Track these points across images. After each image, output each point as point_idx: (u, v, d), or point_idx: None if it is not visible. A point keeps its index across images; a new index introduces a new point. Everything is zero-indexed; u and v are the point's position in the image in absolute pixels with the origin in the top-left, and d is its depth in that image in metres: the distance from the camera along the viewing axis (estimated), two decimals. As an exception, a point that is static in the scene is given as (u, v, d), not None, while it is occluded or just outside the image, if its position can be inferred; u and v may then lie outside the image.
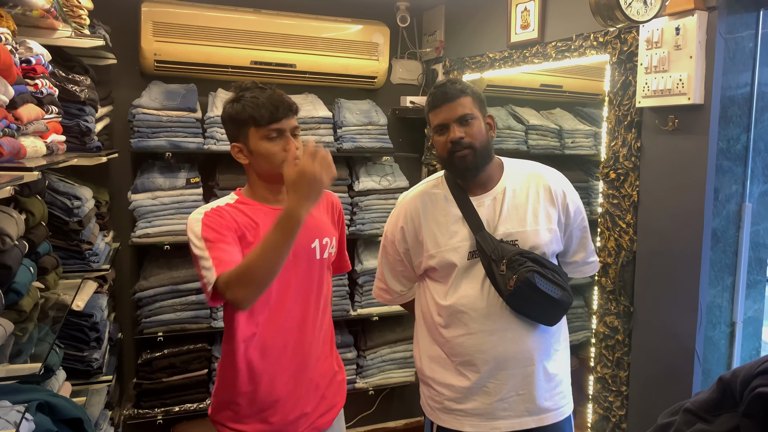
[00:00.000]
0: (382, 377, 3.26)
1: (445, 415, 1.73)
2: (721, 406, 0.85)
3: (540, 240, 1.65)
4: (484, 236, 1.64)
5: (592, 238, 1.80)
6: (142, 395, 2.82)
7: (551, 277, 1.60)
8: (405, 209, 1.77)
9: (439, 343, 1.73)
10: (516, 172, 1.73)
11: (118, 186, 2.92)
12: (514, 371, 1.65)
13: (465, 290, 1.67)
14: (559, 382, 1.72)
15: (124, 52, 2.81)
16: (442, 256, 1.68)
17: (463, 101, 1.64)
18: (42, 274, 1.78)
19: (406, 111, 3.29)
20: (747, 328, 1.95)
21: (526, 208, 1.68)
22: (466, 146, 1.62)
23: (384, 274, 1.87)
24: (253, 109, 1.58)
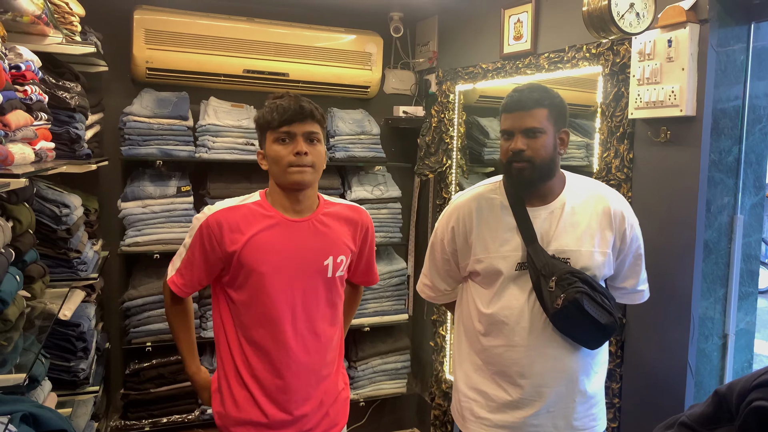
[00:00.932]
0: (373, 388, 3.23)
1: (473, 424, 1.71)
2: (717, 419, 0.84)
3: (593, 262, 1.62)
4: (536, 249, 1.60)
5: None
6: (130, 406, 2.78)
7: (600, 300, 1.56)
8: (458, 210, 1.74)
9: (476, 350, 1.71)
10: (578, 188, 1.69)
11: (108, 194, 2.89)
12: (550, 389, 1.63)
13: (509, 301, 1.64)
14: (594, 404, 1.69)
15: (115, 59, 2.80)
16: (490, 263, 1.65)
17: (537, 113, 1.58)
18: (28, 283, 1.75)
19: (399, 121, 3.29)
20: (739, 340, 1.95)
21: (583, 227, 1.63)
22: (525, 159, 1.58)
23: (430, 271, 1.85)
24: (269, 113, 1.59)
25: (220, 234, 1.60)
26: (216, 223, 1.60)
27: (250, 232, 1.60)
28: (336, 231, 1.69)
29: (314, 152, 1.60)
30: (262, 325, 1.62)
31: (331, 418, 1.72)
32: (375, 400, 3.35)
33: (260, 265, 1.59)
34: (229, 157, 2.84)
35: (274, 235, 1.62)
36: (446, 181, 3.06)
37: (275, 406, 1.62)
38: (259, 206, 1.64)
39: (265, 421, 1.63)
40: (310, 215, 1.67)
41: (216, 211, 1.62)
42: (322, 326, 1.67)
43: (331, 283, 1.68)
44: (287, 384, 1.63)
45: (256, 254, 1.59)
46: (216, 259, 1.62)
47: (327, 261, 1.66)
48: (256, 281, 1.60)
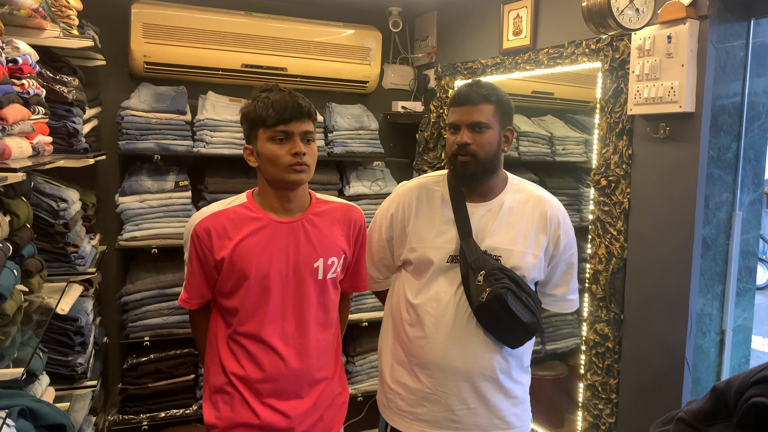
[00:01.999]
0: (370, 383, 3.23)
1: (396, 416, 1.72)
2: (715, 415, 0.84)
3: (523, 262, 1.64)
4: (470, 243, 1.63)
5: (582, 244, 1.79)
6: (128, 401, 2.78)
7: (524, 299, 1.58)
8: (400, 198, 1.76)
9: (401, 340, 1.72)
10: (518, 190, 1.71)
11: (106, 188, 2.89)
12: (467, 384, 1.64)
13: (437, 292, 1.66)
14: (518, 404, 1.70)
15: (113, 53, 2.79)
16: (423, 252, 1.67)
17: (483, 108, 1.61)
18: (26, 277, 1.74)
19: (398, 116, 3.28)
20: (736, 336, 1.96)
21: (518, 228, 1.66)
22: (469, 153, 1.60)
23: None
24: (263, 110, 1.54)
25: (210, 241, 1.59)
26: (204, 230, 1.59)
27: (238, 237, 1.58)
28: (327, 232, 1.67)
29: (310, 152, 1.58)
30: (253, 329, 1.61)
31: (325, 422, 1.70)
32: (373, 395, 3.36)
33: (249, 270, 1.58)
34: (227, 152, 2.83)
35: (263, 238, 1.60)
36: (445, 177, 3.06)
37: (268, 409, 1.61)
38: (245, 208, 1.62)
39: (257, 423, 1.61)
40: (300, 215, 1.64)
41: (203, 218, 1.60)
42: (314, 329, 1.65)
43: (322, 286, 1.65)
44: (279, 387, 1.61)
45: (245, 259, 1.58)
46: (210, 268, 1.61)
47: (317, 263, 1.63)
48: (246, 286, 1.59)
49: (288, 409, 1.61)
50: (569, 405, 2.50)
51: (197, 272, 1.63)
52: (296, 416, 1.62)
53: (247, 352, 1.61)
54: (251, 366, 1.61)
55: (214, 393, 1.66)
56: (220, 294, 1.64)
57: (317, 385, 1.67)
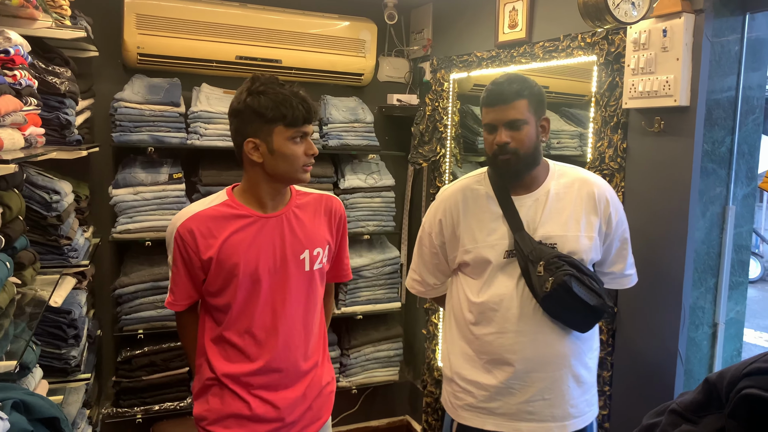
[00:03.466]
0: (365, 376, 3.24)
1: (468, 413, 1.72)
2: (707, 407, 0.85)
3: (579, 246, 1.64)
4: (523, 236, 1.63)
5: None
6: (122, 394, 2.78)
7: (588, 283, 1.59)
8: (445, 203, 1.76)
9: (467, 339, 1.72)
10: (562, 175, 1.72)
11: (99, 181, 2.87)
12: (543, 374, 1.64)
13: (498, 288, 1.66)
14: (588, 389, 1.71)
15: (106, 44, 2.77)
16: (478, 252, 1.67)
17: (518, 104, 1.60)
18: (19, 270, 1.74)
19: (393, 109, 3.28)
20: (729, 329, 1.97)
21: (569, 212, 1.66)
22: (510, 152, 1.61)
23: (418, 266, 1.86)
24: (286, 108, 1.52)
25: (194, 242, 1.58)
26: (188, 231, 1.58)
27: (223, 235, 1.58)
28: (310, 223, 1.67)
29: (315, 151, 1.62)
30: (243, 324, 1.61)
31: (314, 411, 1.72)
32: (367, 388, 3.37)
33: (238, 267, 1.58)
34: (221, 144, 2.82)
35: (249, 234, 1.60)
36: (440, 170, 3.05)
37: (258, 400, 1.62)
38: (227, 206, 1.62)
39: (248, 414, 1.62)
40: (282, 209, 1.65)
41: (185, 219, 1.60)
42: (302, 321, 1.67)
43: (309, 277, 1.67)
44: (269, 380, 1.63)
45: (233, 256, 1.58)
46: (196, 268, 1.61)
47: (303, 255, 1.64)
48: (235, 283, 1.59)
49: (277, 400, 1.63)
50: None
51: (182, 274, 1.63)
52: (285, 407, 1.64)
53: (236, 347, 1.62)
54: (240, 360, 1.62)
55: (203, 389, 1.67)
56: (208, 294, 1.64)
57: (306, 376, 1.68)
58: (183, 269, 1.62)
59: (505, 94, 1.61)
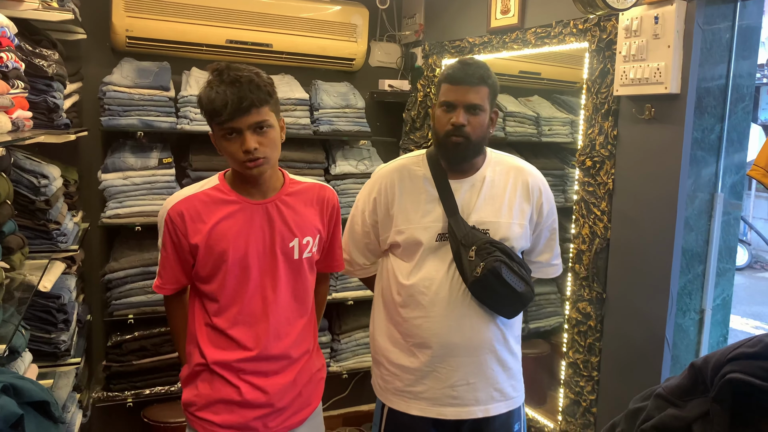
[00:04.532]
0: (355, 361, 3.26)
1: (395, 397, 1.74)
2: (692, 391, 0.86)
3: (511, 233, 1.66)
4: (457, 220, 1.63)
5: (566, 224, 1.81)
6: (112, 378, 2.78)
7: (517, 270, 1.61)
8: (381, 181, 1.75)
9: (395, 322, 1.73)
10: (498, 162, 1.73)
11: (88, 165, 2.85)
12: (466, 359, 1.66)
13: (428, 272, 1.66)
14: (513, 375, 1.73)
15: (94, 27, 2.73)
16: (411, 233, 1.67)
17: (481, 90, 1.61)
18: (7, 254, 1.72)
19: (385, 95, 3.26)
20: (715, 315, 1.99)
21: (503, 199, 1.68)
22: (464, 135, 1.60)
23: (348, 245, 1.85)
24: (209, 104, 1.49)
25: (183, 225, 1.58)
26: (177, 214, 1.58)
27: (212, 221, 1.58)
28: (301, 212, 1.66)
29: (266, 141, 1.52)
30: (230, 311, 1.61)
31: (304, 398, 1.72)
32: (357, 373, 3.38)
33: (226, 253, 1.57)
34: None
35: (237, 221, 1.59)
36: (431, 156, 3.05)
37: (247, 385, 1.63)
38: (218, 191, 1.61)
39: (239, 399, 1.62)
40: (273, 196, 1.63)
41: (176, 202, 1.59)
42: (291, 308, 1.67)
43: (298, 265, 1.66)
44: (258, 366, 1.63)
45: (221, 242, 1.57)
46: (185, 252, 1.60)
47: (292, 243, 1.63)
48: (225, 269, 1.59)
49: (267, 386, 1.64)
50: (551, 382, 2.54)
51: (171, 257, 1.62)
52: (275, 393, 1.64)
53: (226, 334, 1.62)
54: (231, 347, 1.62)
55: (192, 375, 1.67)
56: (198, 279, 1.63)
57: (296, 363, 1.69)
58: (172, 252, 1.62)
59: (471, 76, 1.60)
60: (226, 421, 1.62)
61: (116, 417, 2.91)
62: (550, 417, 2.43)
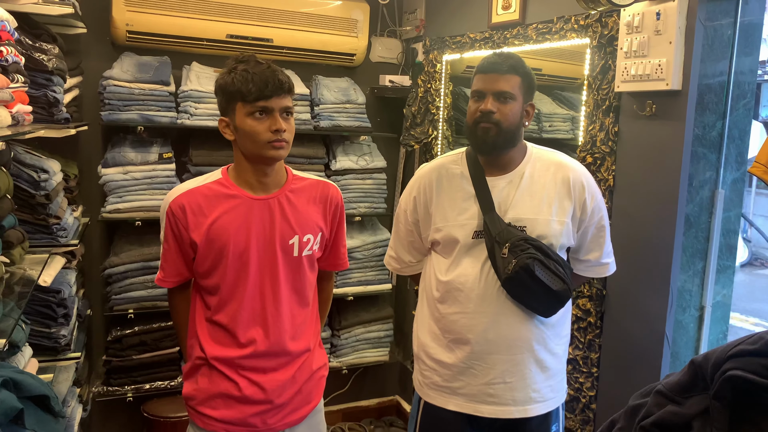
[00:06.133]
0: (356, 356, 3.26)
1: (433, 391, 1.73)
2: (692, 388, 0.86)
3: (549, 230, 1.63)
4: (493, 217, 1.62)
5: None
6: (112, 372, 2.78)
7: (553, 268, 1.58)
8: (420, 180, 1.77)
9: (435, 318, 1.73)
10: (539, 158, 1.71)
11: (88, 160, 2.84)
12: (504, 357, 1.65)
13: (465, 268, 1.66)
14: (553, 375, 1.71)
15: (94, 21, 2.72)
16: (448, 231, 1.67)
17: (511, 78, 1.60)
18: (7, 248, 1.72)
19: (385, 90, 3.26)
20: (715, 312, 1.99)
21: (541, 196, 1.65)
22: (492, 121, 1.59)
23: (395, 243, 1.87)
24: (242, 83, 1.50)
25: (185, 218, 1.58)
26: (179, 207, 1.58)
27: (214, 215, 1.58)
28: (303, 209, 1.66)
29: (289, 128, 1.56)
30: (230, 306, 1.61)
31: (304, 395, 1.72)
32: (358, 368, 3.39)
33: (227, 248, 1.58)
34: (211, 124, 2.79)
35: (238, 216, 1.59)
36: (432, 152, 3.05)
37: (246, 381, 1.63)
38: (220, 185, 1.61)
39: (237, 395, 1.63)
40: (276, 192, 1.64)
41: (177, 195, 1.60)
42: (290, 305, 1.66)
43: (297, 263, 1.66)
44: (257, 362, 1.63)
45: (222, 237, 1.57)
46: (186, 245, 1.61)
47: (293, 240, 1.63)
48: (224, 264, 1.59)
49: (266, 382, 1.64)
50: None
51: (173, 250, 1.62)
52: (274, 389, 1.65)
53: (226, 330, 1.62)
54: (230, 343, 1.63)
55: (193, 368, 1.68)
56: (199, 274, 1.64)
57: (295, 360, 1.69)
58: (174, 245, 1.62)
59: (502, 64, 1.61)
60: (225, 416, 1.63)
61: (116, 411, 2.92)
62: (550, 413, 2.44)
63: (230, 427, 1.64)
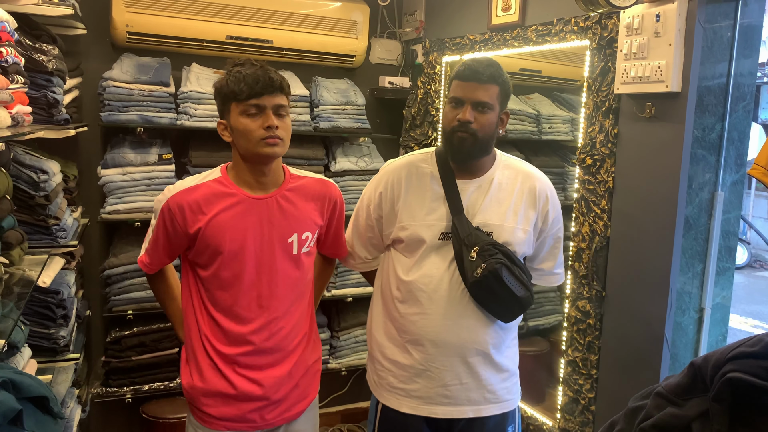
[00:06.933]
0: (354, 358, 3.26)
1: (388, 393, 1.73)
2: (692, 390, 0.86)
3: (514, 238, 1.65)
4: (462, 220, 1.63)
5: (566, 222, 1.81)
6: (111, 373, 2.78)
7: (518, 274, 1.60)
8: (388, 176, 1.75)
9: (392, 318, 1.72)
10: (507, 166, 1.72)
11: (88, 161, 2.84)
12: (460, 359, 1.65)
13: (429, 269, 1.66)
14: (508, 377, 1.72)
15: (94, 22, 2.72)
16: (414, 230, 1.66)
17: (490, 88, 1.60)
18: (6, 249, 1.72)
19: (385, 92, 3.26)
20: (715, 314, 1.99)
21: (509, 203, 1.67)
22: (470, 131, 1.59)
23: (352, 238, 1.85)
24: (235, 84, 1.54)
25: (182, 216, 1.59)
26: (177, 206, 1.59)
27: (212, 213, 1.59)
28: (301, 207, 1.68)
29: (283, 126, 1.58)
30: (228, 302, 1.63)
31: (300, 390, 1.73)
32: (357, 369, 3.39)
33: (222, 245, 1.59)
34: (211, 125, 2.79)
35: (236, 214, 1.61)
36: (431, 154, 3.04)
37: (243, 378, 1.64)
38: (219, 183, 1.63)
39: (233, 393, 1.64)
40: (274, 191, 1.65)
41: (175, 193, 1.61)
42: (288, 303, 1.68)
43: (296, 260, 1.68)
44: (254, 359, 1.64)
45: (218, 235, 1.59)
46: (179, 240, 1.63)
47: (291, 238, 1.65)
48: (220, 260, 1.60)
49: (262, 379, 1.65)
50: (550, 380, 2.54)
51: (162, 241, 1.65)
52: (270, 385, 1.66)
53: (221, 327, 1.64)
54: (225, 340, 1.64)
55: (191, 358, 1.70)
56: (197, 264, 1.65)
57: (291, 355, 1.70)
58: (163, 237, 1.64)
59: (482, 74, 1.60)
60: (223, 413, 1.65)
61: (115, 412, 2.92)
62: (549, 415, 2.44)
63: (229, 423, 1.65)
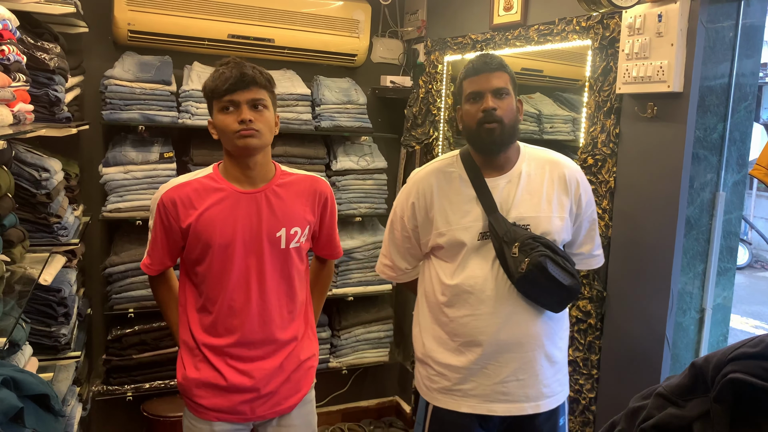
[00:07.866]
0: (355, 357, 3.26)
1: (443, 396, 1.73)
2: (693, 390, 0.86)
3: (552, 227, 1.65)
4: (497, 218, 1.63)
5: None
6: (112, 372, 2.78)
7: (562, 263, 1.60)
8: (417, 185, 1.75)
9: (441, 322, 1.72)
10: (533, 157, 1.72)
11: (89, 159, 2.85)
12: (516, 355, 1.65)
13: (473, 270, 1.66)
14: (560, 369, 1.73)
15: (96, 20, 2.72)
16: (452, 235, 1.67)
17: (502, 75, 1.62)
18: (8, 247, 1.72)
19: (386, 91, 3.26)
20: (716, 314, 1.99)
21: (541, 194, 1.67)
22: (497, 119, 1.60)
23: (390, 251, 1.85)
24: (212, 83, 1.60)
25: (175, 211, 1.65)
26: (170, 200, 1.65)
27: (202, 207, 1.65)
28: (290, 202, 1.71)
29: (260, 119, 1.61)
30: (219, 296, 1.67)
31: (292, 384, 1.76)
32: (357, 368, 3.39)
33: (212, 239, 1.64)
34: (213, 124, 2.79)
35: (225, 208, 1.65)
36: (432, 153, 3.05)
37: (233, 370, 1.68)
38: (210, 179, 1.68)
39: (224, 384, 1.68)
40: (263, 186, 1.69)
41: (169, 188, 1.67)
42: (277, 296, 1.71)
43: (285, 255, 1.70)
44: (244, 351, 1.68)
45: (208, 228, 1.64)
46: (175, 236, 1.68)
47: (279, 233, 1.68)
48: (210, 254, 1.65)
49: (252, 370, 1.69)
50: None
51: (160, 240, 1.70)
52: (261, 377, 1.69)
53: (212, 318, 1.68)
54: (216, 332, 1.68)
55: (185, 352, 1.74)
56: (189, 261, 1.70)
57: (283, 348, 1.73)
58: (162, 235, 1.69)
59: (491, 63, 1.63)
60: (214, 404, 1.69)
61: (116, 411, 2.92)
62: (549, 414, 2.43)
63: (221, 414, 1.70)
